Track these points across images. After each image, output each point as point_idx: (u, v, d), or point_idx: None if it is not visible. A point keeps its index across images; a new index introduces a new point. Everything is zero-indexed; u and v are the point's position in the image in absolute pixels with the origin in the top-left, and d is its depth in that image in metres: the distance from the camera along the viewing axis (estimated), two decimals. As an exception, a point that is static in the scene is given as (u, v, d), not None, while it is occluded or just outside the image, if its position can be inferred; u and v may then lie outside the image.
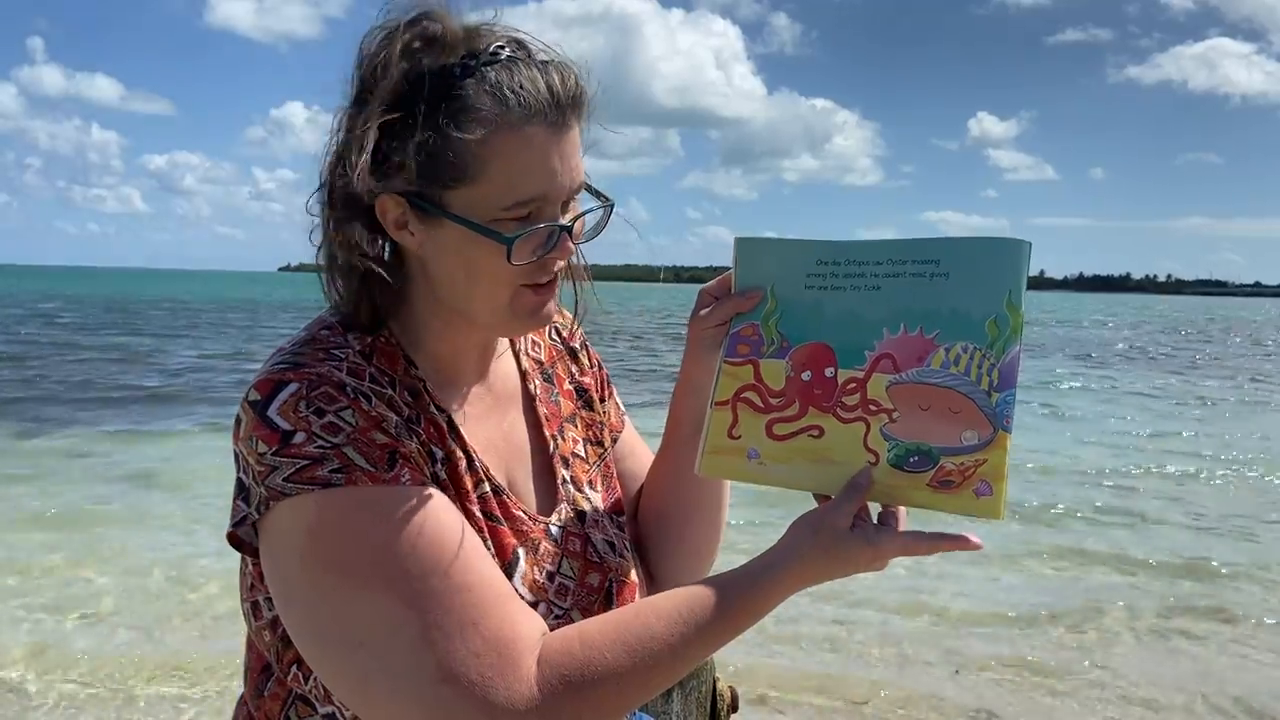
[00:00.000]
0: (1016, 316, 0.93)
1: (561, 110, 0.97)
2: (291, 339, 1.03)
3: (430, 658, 0.88)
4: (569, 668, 0.90)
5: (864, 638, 4.58)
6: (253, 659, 1.08)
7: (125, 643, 4.42)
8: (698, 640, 0.95)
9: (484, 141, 0.94)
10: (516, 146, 0.95)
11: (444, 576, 0.90)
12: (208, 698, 3.86)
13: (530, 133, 0.95)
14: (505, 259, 0.96)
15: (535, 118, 0.95)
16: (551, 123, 0.96)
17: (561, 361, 1.27)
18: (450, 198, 0.96)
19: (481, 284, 1.00)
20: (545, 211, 0.98)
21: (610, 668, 0.91)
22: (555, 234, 1.00)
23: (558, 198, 0.99)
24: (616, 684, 0.91)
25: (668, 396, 1.19)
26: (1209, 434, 11.08)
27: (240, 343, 22.62)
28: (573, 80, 0.98)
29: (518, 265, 0.98)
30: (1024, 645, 4.56)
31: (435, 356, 1.08)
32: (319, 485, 0.90)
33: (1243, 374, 19.47)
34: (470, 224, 0.96)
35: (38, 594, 5.01)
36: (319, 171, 1.01)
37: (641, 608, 0.97)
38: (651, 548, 1.24)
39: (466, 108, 0.94)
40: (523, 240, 0.97)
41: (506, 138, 0.94)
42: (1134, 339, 33.47)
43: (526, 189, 0.96)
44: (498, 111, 0.94)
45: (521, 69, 0.96)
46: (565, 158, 0.98)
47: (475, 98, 0.94)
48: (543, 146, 0.96)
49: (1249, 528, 6.81)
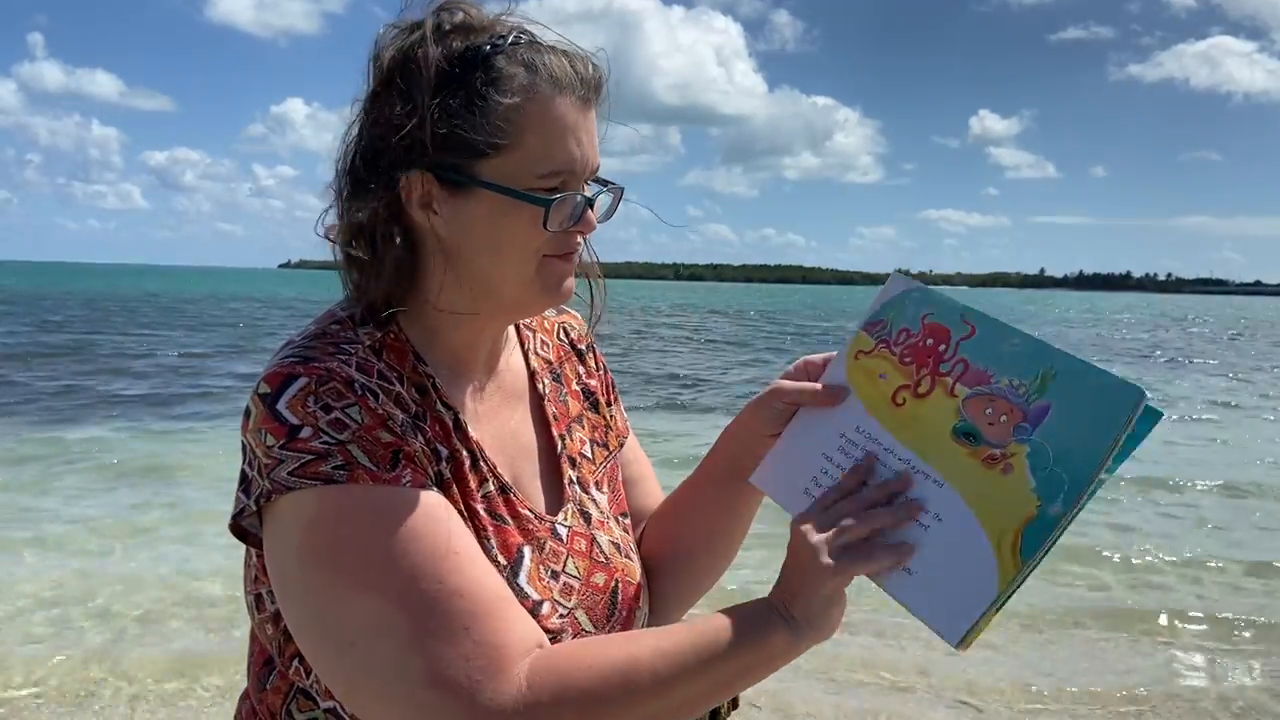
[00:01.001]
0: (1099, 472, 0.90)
1: (587, 87, 1.01)
2: (301, 331, 1.03)
3: (419, 661, 0.88)
4: (553, 681, 0.90)
5: (865, 636, 4.59)
6: (256, 652, 1.08)
7: (132, 639, 4.43)
8: (686, 681, 0.92)
9: (519, 108, 0.97)
10: (550, 115, 0.99)
11: (438, 580, 0.90)
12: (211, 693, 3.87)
13: (561, 103, 0.99)
14: (541, 224, 0.99)
15: (566, 90, 0.99)
16: (581, 97, 1.01)
17: (570, 362, 1.27)
18: (483, 167, 0.99)
19: (510, 256, 1.02)
20: (571, 185, 1.01)
21: (590, 689, 0.90)
22: (581, 206, 1.03)
23: (582, 173, 1.02)
24: (595, 707, 0.90)
25: (667, 398, 1.19)
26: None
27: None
28: (591, 66, 1.03)
29: (553, 232, 1.00)
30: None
31: (447, 351, 1.08)
32: (321, 481, 0.90)
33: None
34: (507, 190, 0.98)
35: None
36: (336, 161, 1.03)
37: (637, 634, 0.97)
38: (653, 568, 1.24)
39: (501, 77, 0.98)
40: (558, 205, 1.00)
41: (541, 106, 0.98)
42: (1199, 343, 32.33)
43: (559, 157, 0.99)
44: (530, 80, 0.98)
45: (544, 50, 1.01)
46: (589, 134, 1.02)
47: (508, 67, 0.98)
48: (573, 118, 1.00)
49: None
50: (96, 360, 16.78)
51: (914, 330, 1.04)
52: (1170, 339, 33.69)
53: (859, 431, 1.03)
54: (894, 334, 1.05)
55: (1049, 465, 0.90)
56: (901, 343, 1.04)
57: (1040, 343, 0.96)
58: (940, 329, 1.02)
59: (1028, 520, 0.89)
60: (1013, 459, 0.92)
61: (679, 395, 13.22)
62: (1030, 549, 0.88)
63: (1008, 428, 0.93)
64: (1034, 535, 0.88)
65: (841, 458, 1.03)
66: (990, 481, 0.92)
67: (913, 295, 1.06)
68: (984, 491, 0.92)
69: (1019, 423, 0.93)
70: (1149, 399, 0.88)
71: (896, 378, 1.03)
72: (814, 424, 1.07)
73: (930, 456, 0.97)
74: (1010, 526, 0.90)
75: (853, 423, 1.03)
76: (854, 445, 1.02)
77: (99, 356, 17.45)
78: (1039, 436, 0.91)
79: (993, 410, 0.95)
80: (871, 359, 1.05)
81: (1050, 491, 0.89)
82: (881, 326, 1.06)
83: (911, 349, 1.03)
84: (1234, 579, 5.83)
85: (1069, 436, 0.90)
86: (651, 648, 0.93)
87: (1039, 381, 0.93)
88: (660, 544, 1.25)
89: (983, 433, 0.95)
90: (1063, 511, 0.88)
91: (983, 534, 0.91)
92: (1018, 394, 0.94)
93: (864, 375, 1.05)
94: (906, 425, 1.00)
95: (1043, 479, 0.90)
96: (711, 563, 1.25)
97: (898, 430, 1.00)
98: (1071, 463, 0.89)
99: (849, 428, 1.04)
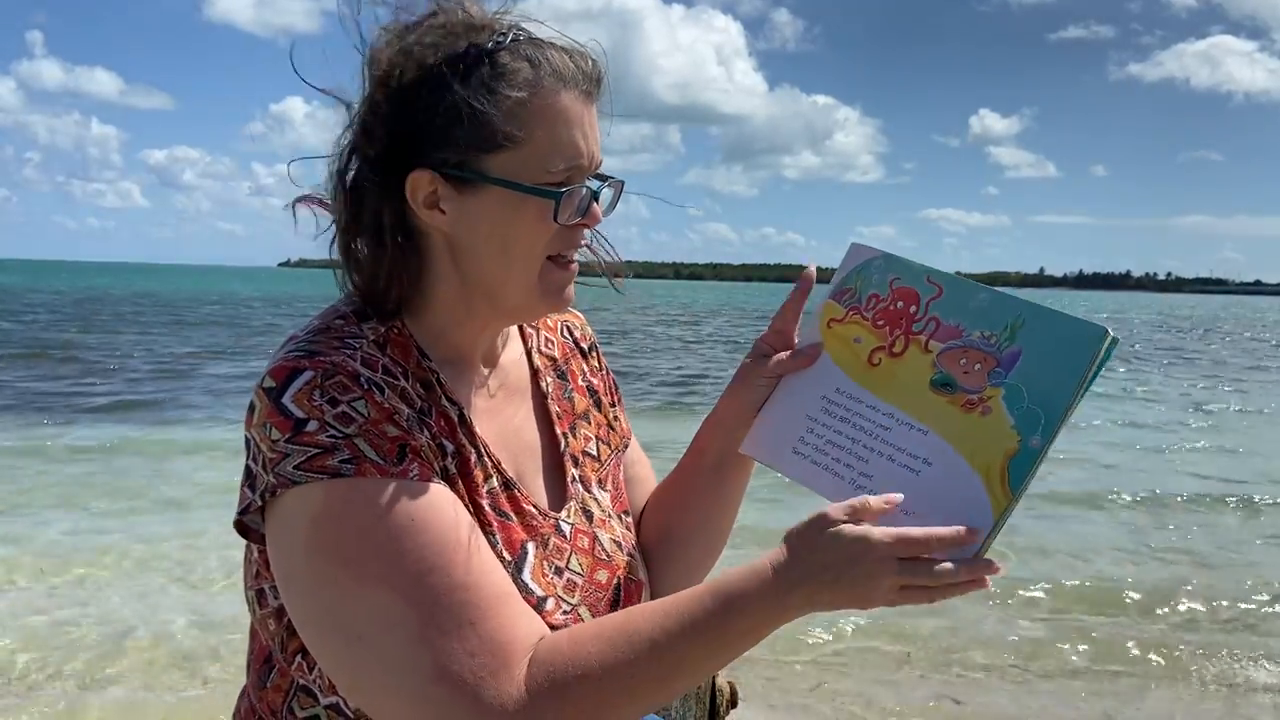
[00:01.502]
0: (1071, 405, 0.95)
1: (590, 81, 1.01)
2: (305, 327, 1.03)
3: (426, 655, 0.88)
4: (554, 667, 0.90)
5: (864, 633, 4.59)
6: (256, 649, 1.08)
7: (127, 635, 4.43)
8: (681, 637, 0.91)
9: (525, 103, 0.97)
10: (557, 109, 0.99)
11: (444, 574, 0.90)
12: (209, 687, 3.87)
13: (566, 97, 0.99)
14: (551, 218, 0.99)
15: (570, 84, 0.99)
16: (584, 91, 1.01)
17: (575, 359, 1.28)
18: (491, 163, 0.98)
19: (517, 256, 1.02)
20: (577, 178, 1.02)
21: (590, 666, 0.90)
22: (587, 199, 1.03)
23: (588, 166, 1.02)
24: (596, 683, 0.90)
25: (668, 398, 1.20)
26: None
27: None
28: (592, 61, 1.03)
29: (561, 225, 1.00)
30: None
31: (450, 348, 1.08)
32: (328, 474, 0.91)
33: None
34: (517, 185, 0.98)
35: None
36: (335, 159, 1.02)
37: (631, 609, 0.97)
38: (651, 560, 1.24)
39: (506, 72, 0.98)
40: (567, 197, 1.00)
41: (548, 101, 0.98)
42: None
43: (568, 151, 1.00)
44: (535, 76, 0.98)
45: (545, 45, 1.01)
46: (593, 128, 1.02)
47: (512, 63, 0.98)
48: (578, 112, 1.00)
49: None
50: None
51: (883, 295, 1.09)
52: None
53: (839, 392, 1.08)
54: (864, 300, 1.10)
55: (1025, 403, 0.96)
56: (873, 308, 1.09)
57: (1005, 295, 1.02)
58: (909, 292, 1.07)
59: (1010, 454, 0.95)
60: (990, 401, 0.98)
61: (680, 396, 13.23)
62: (1017, 480, 0.94)
63: (982, 374, 0.99)
64: (1018, 467, 0.94)
65: (826, 418, 1.07)
66: (971, 423, 0.98)
67: (876, 263, 1.11)
68: (967, 433, 0.98)
69: (993, 369, 0.99)
70: (1112, 335, 0.94)
71: (871, 340, 1.08)
72: (796, 390, 1.11)
73: (911, 408, 1.02)
74: (995, 461, 0.95)
75: (833, 385, 1.08)
76: (836, 405, 1.07)
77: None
78: (1013, 379, 0.97)
79: (966, 360, 1.01)
80: (845, 325, 1.11)
81: (1029, 426, 0.95)
82: (850, 294, 1.12)
83: (883, 313, 1.08)
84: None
85: (1041, 376, 0.96)
86: (649, 621, 0.93)
87: (1008, 331, 0.99)
88: (655, 537, 1.25)
89: (959, 381, 1.00)
90: (1042, 443, 0.94)
91: (971, 470, 0.96)
92: (989, 344, 1.00)
93: (838, 341, 1.10)
94: (885, 383, 1.05)
95: (1020, 416, 0.96)
96: (707, 548, 1.25)
97: (877, 388, 1.05)
98: (1046, 399, 0.95)
99: (829, 389, 1.08)
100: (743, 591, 0.92)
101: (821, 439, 1.06)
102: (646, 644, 0.91)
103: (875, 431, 1.03)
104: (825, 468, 1.05)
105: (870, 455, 1.02)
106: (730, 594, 0.92)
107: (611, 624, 0.94)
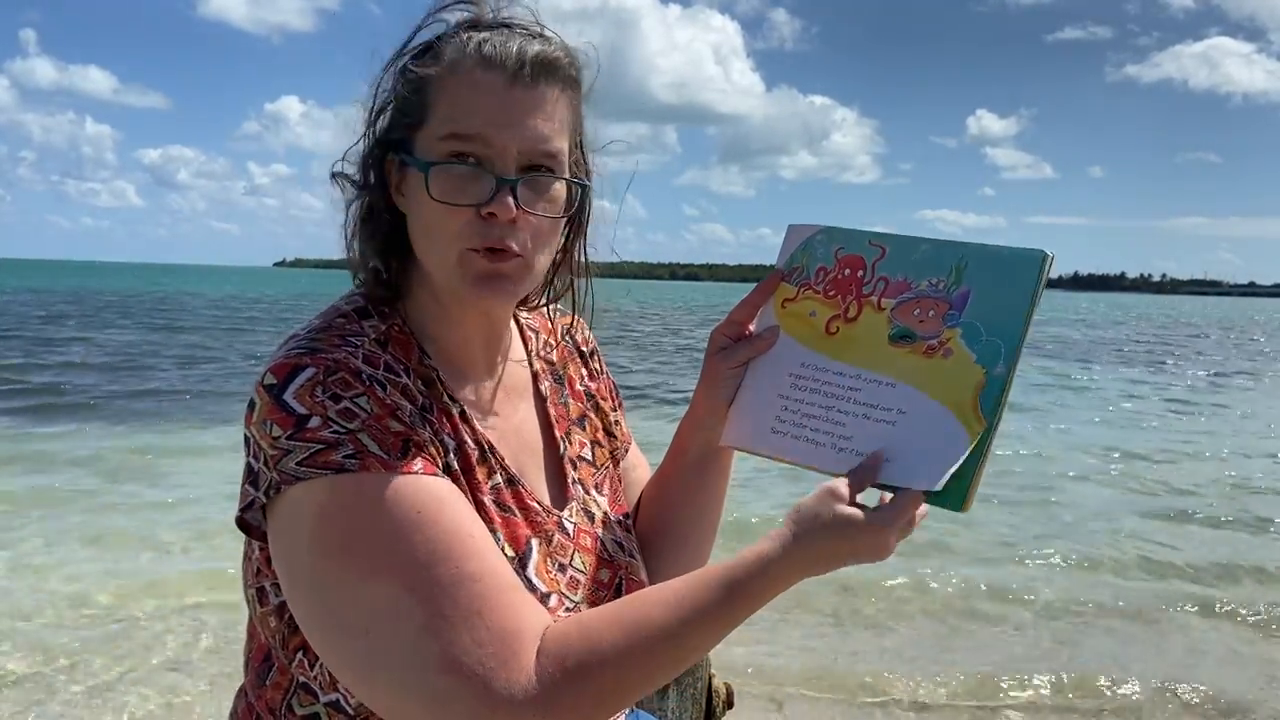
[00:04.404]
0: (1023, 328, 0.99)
1: (524, 66, 0.99)
2: (306, 325, 1.03)
3: (434, 647, 0.88)
4: (567, 656, 0.90)
5: (864, 635, 4.60)
6: (254, 647, 1.08)
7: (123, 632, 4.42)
8: (696, 624, 0.93)
9: (435, 80, 1.00)
10: (463, 86, 0.99)
11: (451, 566, 0.90)
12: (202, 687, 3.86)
13: (481, 77, 0.99)
14: (426, 193, 0.99)
15: (493, 69, 0.99)
16: (511, 74, 0.99)
17: (573, 363, 1.28)
18: (415, 143, 1.01)
19: (434, 238, 1.02)
20: (485, 159, 0.99)
21: (607, 654, 0.90)
22: (493, 185, 0.98)
23: (503, 148, 0.99)
24: (614, 671, 0.90)
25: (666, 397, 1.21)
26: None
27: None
28: (556, 52, 1.02)
29: (437, 200, 0.98)
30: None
31: (443, 346, 1.08)
32: (332, 470, 0.91)
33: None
34: (411, 160, 1.01)
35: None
36: (334, 162, 1.07)
37: (639, 595, 0.97)
38: (644, 561, 1.24)
39: (432, 53, 1.02)
40: (443, 172, 0.99)
41: (458, 79, 0.99)
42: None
43: (461, 123, 0.99)
44: (456, 57, 1.00)
45: (502, 32, 1.02)
46: (523, 112, 0.99)
47: (443, 45, 1.01)
48: (492, 90, 0.99)
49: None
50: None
51: (830, 266, 1.12)
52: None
53: (805, 366, 1.10)
54: (812, 275, 1.13)
55: (983, 337, 1.00)
56: (822, 280, 1.12)
57: (946, 241, 1.06)
58: (855, 259, 1.11)
59: (980, 387, 0.98)
60: (950, 343, 1.01)
61: (681, 395, 13.25)
62: (989, 408, 0.98)
63: (937, 320, 1.02)
64: (989, 395, 0.98)
65: (797, 392, 1.09)
66: (935, 367, 1.01)
67: (818, 238, 1.14)
68: (933, 377, 1.01)
69: (946, 312, 1.02)
70: (1049, 254, 0.98)
71: (825, 311, 1.11)
72: (764, 373, 1.13)
73: (876, 365, 1.05)
74: (966, 396, 0.99)
75: (797, 360, 1.11)
76: (804, 379, 1.10)
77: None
78: (967, 317, 1.01)
79: (920, 310, 1.04)
80: (798, 303, 1.14)
81: (990, 357, 0.99)
82: (798, 272, 1.15)
83: (833, 283, 1.11)
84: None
85: (993, 309, 1.00)
86: (661, 609, 0.93)
87: (954, 274, 1.03)
88: (649, 537, 1.25)
89: (916, 330, 1.04)
90: (1005, 370, 0.98)
91: (944, 409, 0.99)
92: (939, 290, 1.04)
93: (794, 320, 1.13)
94: (846, 348, 1.08)
95: (981, 349, 0.99)
96: (699, 543, 1.26)
97: (840, 354, 1.08)
98: (1002, 329, 0.99)
99: (795, 365, 1.11)
100: (750, 577, 0.94)
101: (797, 414, 1.08)
102: (660, 633, 0.92)
103: (846, 395, 1.05)
104: (807, 440, 1.06)
105: (846, 418, 1.04)
106: (738, 581, 0.94)
107: (626, 612, 0.94)
